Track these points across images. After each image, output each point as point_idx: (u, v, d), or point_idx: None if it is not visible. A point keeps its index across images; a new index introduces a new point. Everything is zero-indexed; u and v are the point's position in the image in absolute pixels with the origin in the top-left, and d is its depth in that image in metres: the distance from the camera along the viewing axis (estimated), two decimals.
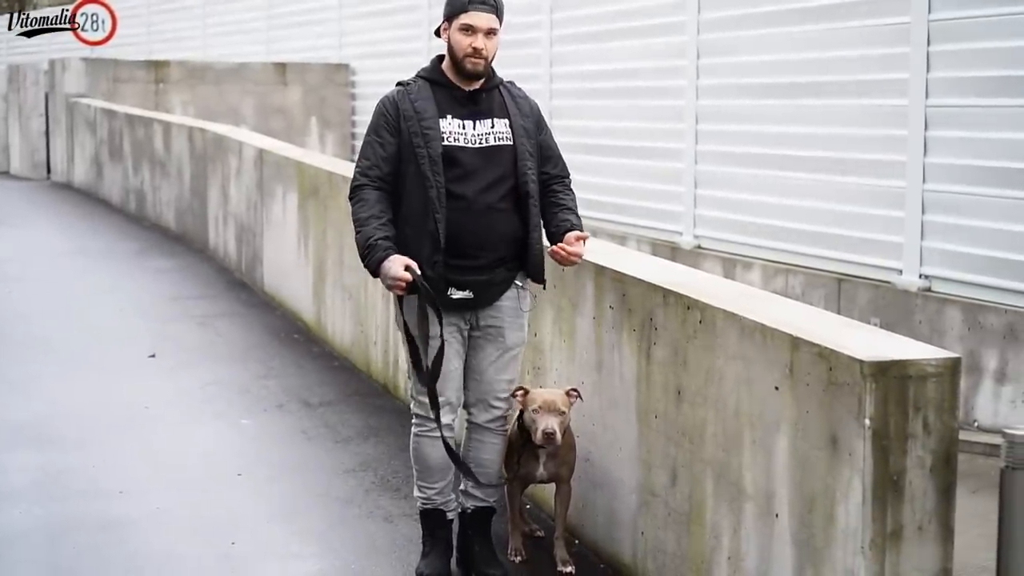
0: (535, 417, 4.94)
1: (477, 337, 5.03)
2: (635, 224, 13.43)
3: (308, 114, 20.99)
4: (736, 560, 4.36)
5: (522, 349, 5.14)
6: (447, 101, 4.92)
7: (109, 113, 19.14)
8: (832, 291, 10.46)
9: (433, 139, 4.84)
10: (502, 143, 4.93)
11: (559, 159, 5.14)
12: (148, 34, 27.75)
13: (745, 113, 11.94)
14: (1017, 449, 3.67)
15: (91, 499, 6.17)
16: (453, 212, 4.83)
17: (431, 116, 4.87)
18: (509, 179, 4.92)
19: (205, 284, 12.20)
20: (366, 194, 4.91)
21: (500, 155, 4.92)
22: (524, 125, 4.98)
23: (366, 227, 4.85)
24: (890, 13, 10.15)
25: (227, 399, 8.02)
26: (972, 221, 9.33)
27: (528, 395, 5.02)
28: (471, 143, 4.89)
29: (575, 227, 4.97)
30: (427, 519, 5.19)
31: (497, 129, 4.93)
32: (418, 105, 4.89)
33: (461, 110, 4.92)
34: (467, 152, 4.87)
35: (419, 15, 18.68)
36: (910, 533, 3.68)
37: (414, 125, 4.86)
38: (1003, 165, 9.09)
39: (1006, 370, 8.77)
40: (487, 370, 5.06)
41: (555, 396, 5.00)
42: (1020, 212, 8.93)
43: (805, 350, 3.92)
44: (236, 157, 12.56)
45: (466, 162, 4.86)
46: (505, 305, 5.02)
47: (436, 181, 4.81)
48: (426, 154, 4.82)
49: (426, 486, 5.15)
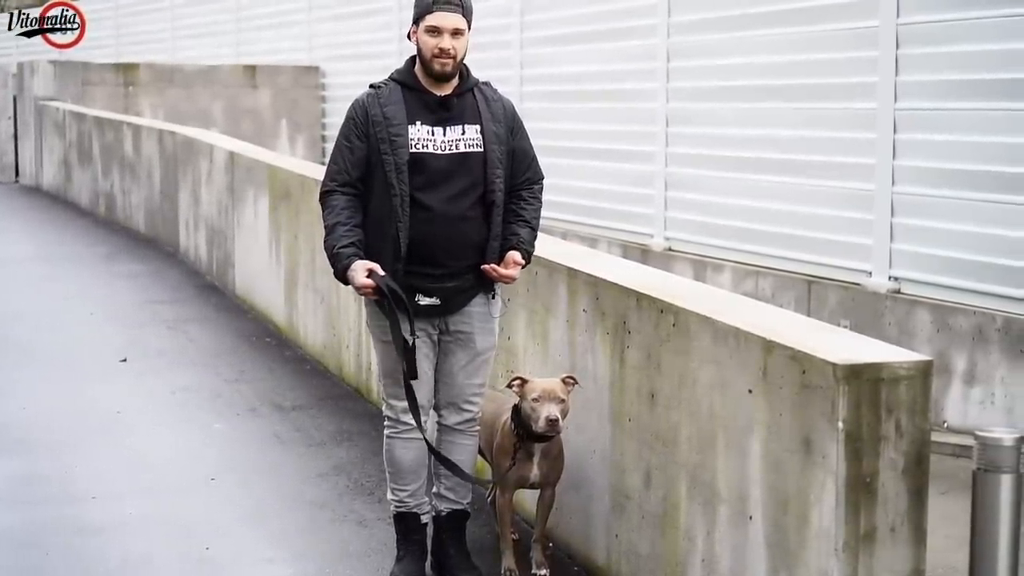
0: (535, 406, 4.86)
1: (447, 342, 5.03)
2: (606, 226, 13.46)
3: (278, 117, 20.94)
4: (710, 562, 4.38)
5: (493, 353, 5.14)
6: (417, 106, 4.90)
7: (78, 116, 19.05)
8: (802, 293, 10.51)
9: (400, 146, 4.83)
10: (472, 150, 4.90)
11: (533, 162, 5.11)
12: (117, 37, 27.62)
13: (716, 116, 11.98)
14: (989, 451, 3.69)
15: (63, 504, 6.15)
16: (418, 221, 4.82)
17: (400, 122, 4.85)
18: (479, 186, 4.90)
19: (176, 288, 12.16)
20: (334, 200, 4.92)
21: (470, 162, 4.89)
22: (496, 131, 4.94)
23: (332, 235, 4.87)
24: (859, 17, 10.21)
25: (199, 403, 8.00)
26: (941, 223, 9.39)
27: (526, 384, 4.94)
28: (440, 150, 4.87)
29: (522, 243, 4.95)
30: (400, 522, 5.19)
31: (468, 136, 4.91)
32: (387, 110, 4.87)
33: (431, 116, 4.90)
34: (436, 159, 4.85)
35: (389, 17, 18.66)
36: (883, 535, 3.71)
37: (382, 131, 4.85)
38: (971, 168, 9.15)
39: (975, 371, 8.83)
40: (457, 374, 5.06)
41: (554, 384, 4.93)
42: (988, 214, 8.99)
43: (778, 353, 3.94)
44: (207, 160, 12.53)
45: (434, 169, 4.84)
46: (475, 311, 5.01)
47: (401, 189, 4.80)
48: (392, 161, 4.82)
49: (398, 488, 5.15)
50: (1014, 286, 8.73)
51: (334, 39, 20.56)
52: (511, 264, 4.89)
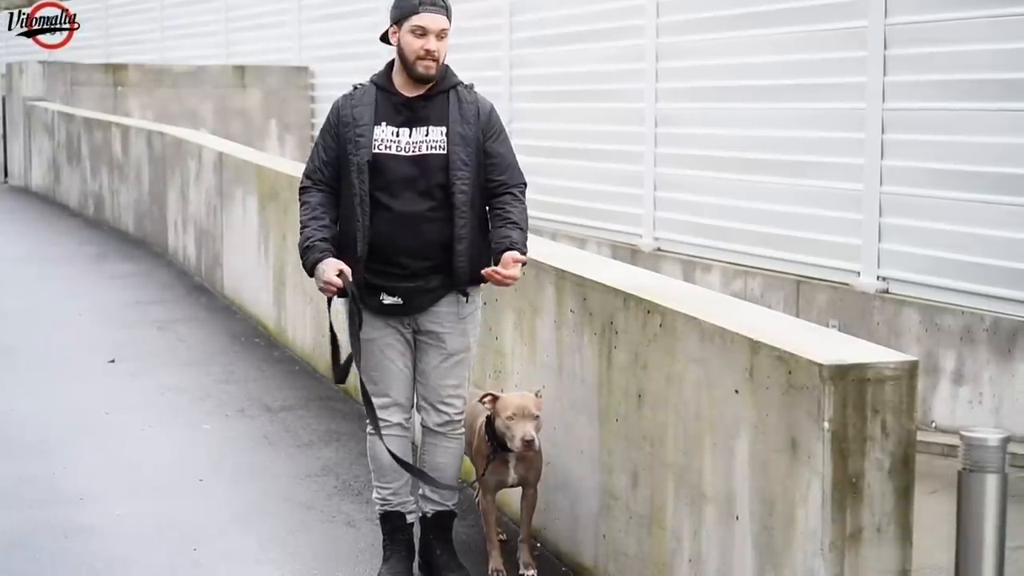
0: (509, 424, 4.88)
1: (421, 341, 5.06)
2: (595, 226, 13.46)
3: (267, 117, 20.92)
4: (697, 563, 4.38)
5: (468, 354, 5.11)
6: (385, 108, 4.95)
7: (67, 117, 19.02)
8: (791, 293, 10.52)
9: (363, 146, 4.89)
10: (435, 151, 4.90)
11: (511, 167, 5.03)
12: (106, 37, 27.58)
13: (704, 116, 11.99)
14: (974, 451, 3.70)
15: (52, 506, 6.14)
16: (378, 220, 4.88)
17: (365, 123, 4.92)
18: (443, 188, 4.90)
19: (165, 288, 12.15)
20: (309, 196, 5.04)
21: (432, 163, 4.89)
22: (462, 132, 4.92)
23: (306, 228, 4.96)
24: (847, 17, 10.22)
25: (188, 404, 8.00)
26: (929, 223, 9.40)
27: (498, 402, 4.96)
28: (404, 151, 4.90)
29: (515, 244, 4.87)
30: (386, 522, 5.19)
31: (431, 137, 4.91)
32: (356, 111, 4.94)
33: (397, 117, 4.94)
34: (396, 160, 4.89)
35: (379, 18, 18.64)
36: (869, 535, 3.71)
37: (349, 132, 4.94)
38: (959, 168, 9.16)
39: (963, 371, 8.84)
40: (431, 374, 5.07)
41: (527, 400, 4.93)
42: (976, 214, 9.01)
43: (765, 353, 3.95)
44: (195, 161, 12.51)
45: (395, 171, 4.88)
46: (443, 311, 5.01)
47: (361, 189, 4.88)
48: (355, 162, 4.89)
49: (381, 486, 5.17)
50: (1002, 286, 8.74)
51: (324, 39, 20.53)
52: (510, 264, 4.81)
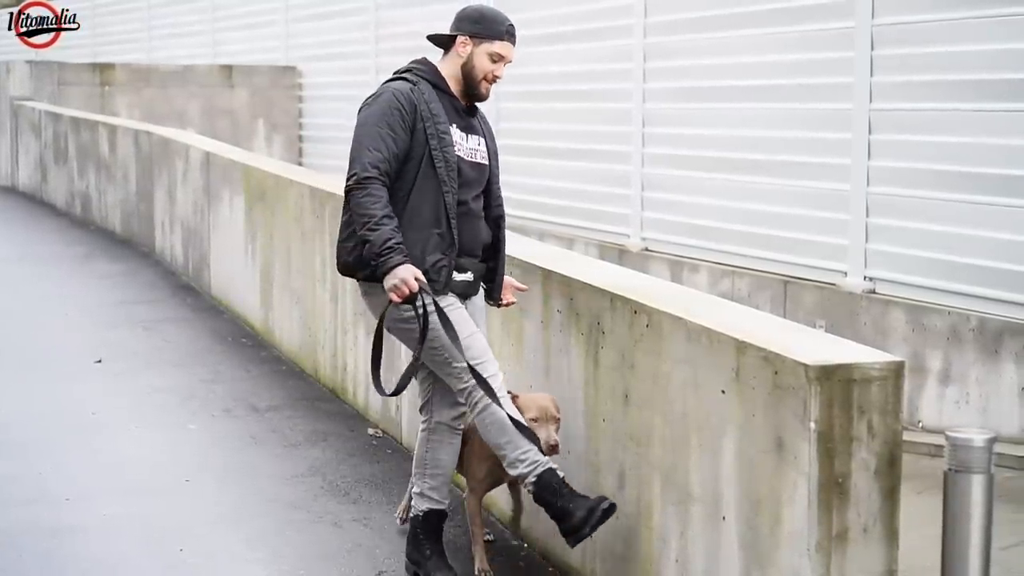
0: (532, 427, 4.82)
1: None
2: (582, 226, 13.47)
3: (255, 117, 20.88)
4: (684, 563, 4.39)
5: None
6: (450, 110, 4.98)
7: (54, 116, 18.97)
8: (778, 293, 10.54)
9: (448, 144, 4.88)
10: (483, 161, 5.06)
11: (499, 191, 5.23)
12: (93, 37, 27.51)
13: (692, 116, 12.00)
14: (959, 452, 3.70)
15: (37, 506, 6.12)
16: (460, 217, 4.92)
17: (444, 120, 4.91)
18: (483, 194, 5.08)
19: (151, 288, 12.12)
20: (377, 189, 4.76)
21: (482, 172, 5.06)
22: (491, 148, 5.13)
23: (384, 226, 4.69)
24: (834, 17, 10.24)
25: (174, 404, 7.98)
26: (916, 224, 9.42)
27: (518, 400, 4.93)
28: (466, 156, 4.98)
29: None
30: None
31: (480, 147, 5.06)
32: (432, 107, 4.91)
33: (460, 121, 5.01)
34: (465, 163, 4.97)
35: (367, 17, 18.63)
36: (855, 535, 3.72)
37: (431, 127, 4.87)
38: (946, 168, 9.18)
39: (950, 371, 8.86)
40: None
41: (548, 402, 4.93)
42: (962, 215, 9.03)
43: (751, 354, 3.95)
44: (183, 160, 12.49)
45: (466, 173, 4.96)
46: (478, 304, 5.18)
47: (452, 187, 4.87)
48: (443, 157, 4.86)
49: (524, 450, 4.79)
50: (989, 286, 8.77)
51: (311, 39, 20.50)
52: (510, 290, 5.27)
